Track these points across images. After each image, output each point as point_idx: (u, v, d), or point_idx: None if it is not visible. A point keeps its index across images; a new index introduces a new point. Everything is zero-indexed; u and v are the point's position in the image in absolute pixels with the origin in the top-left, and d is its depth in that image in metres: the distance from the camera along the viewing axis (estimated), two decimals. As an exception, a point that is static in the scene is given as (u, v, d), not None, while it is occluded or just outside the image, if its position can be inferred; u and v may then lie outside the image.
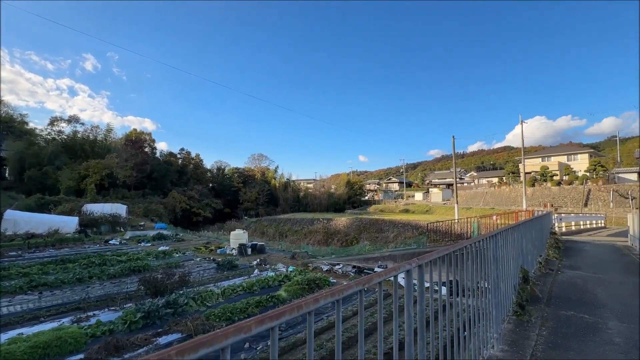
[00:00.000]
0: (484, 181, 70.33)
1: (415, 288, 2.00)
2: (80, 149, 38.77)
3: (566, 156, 52.56)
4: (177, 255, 16.12)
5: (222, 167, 65.84)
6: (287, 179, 71.31)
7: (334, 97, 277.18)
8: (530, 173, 45.33)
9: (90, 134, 41.47)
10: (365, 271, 12.68)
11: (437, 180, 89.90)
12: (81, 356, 5.66)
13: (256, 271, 12.56)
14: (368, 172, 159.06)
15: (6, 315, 7.58)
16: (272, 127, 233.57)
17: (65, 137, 39.60)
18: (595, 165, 41.99)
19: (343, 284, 1.35)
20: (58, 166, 34.68)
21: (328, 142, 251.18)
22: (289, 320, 1.05)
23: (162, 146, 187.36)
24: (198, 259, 15.26)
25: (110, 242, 19.59)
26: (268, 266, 13.72)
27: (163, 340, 6.44)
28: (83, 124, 41.57)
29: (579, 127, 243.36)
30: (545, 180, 44.97)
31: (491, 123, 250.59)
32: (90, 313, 7.81)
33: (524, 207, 26.44)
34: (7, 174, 37.07)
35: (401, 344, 1.90)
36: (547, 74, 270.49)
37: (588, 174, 41.39)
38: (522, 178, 33.14)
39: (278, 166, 74.54)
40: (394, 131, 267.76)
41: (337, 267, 13.22)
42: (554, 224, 16.35)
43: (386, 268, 2.05)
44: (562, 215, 21.50)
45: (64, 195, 31.35)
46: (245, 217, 53.21)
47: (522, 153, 33.37)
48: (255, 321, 0.89)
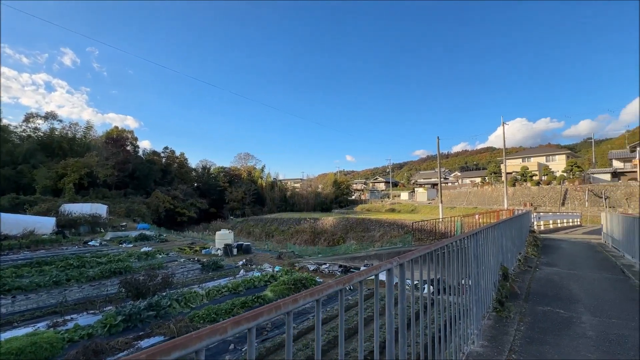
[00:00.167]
0: (468, 181, 72.00)
1: (397, 287, 2.03)
2: (57, 147, 37.35)
3: (545, 157, 54.54)
4: (161, 256, 15.78)
5: (208, 167, 64.87)
6: (274, 179, 70.99)
7: (320, 97, 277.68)
8: (511, 173, 46.73)
9: (68, 132, 40.00)
10: (351, 270, 12.77)
11: (423, 180, 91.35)
12: (58, 362, 5.48)
13: (242, 271, 12.45)
14: (355, 172, 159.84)
15: (-24, 321, 7.23)
16: (258, 127, 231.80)
17: (41, 135, 38.05)
18: (572, 166, 43.70)
19: (323, 284, 1.36)
20: (34, 165, 33.32)
21: (315, 142, 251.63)
22: (275, 320, 1.04)
23: (145, 145, 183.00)
24: (182, 260, 14.99)
25: (89, 244, 18.95)
26: (254, 266, 13.62)
27: (145, 343, 6.30)
28: (61, 121, 40.20)
29: (557, 129, 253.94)
30: (525, 180, 46.49)
31: (475, 124, 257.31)
32: (67, 317, 7.55)
33: (505, 207, 27.24)
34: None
35: (383, 344, 1.92)
36: (525, 76, 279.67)
37: (565, 175, 43.04)
38: (504, 178, 34.13)
39: (265, 165, 74.17)
40: (382, 130, 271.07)
41: (324, 267, 13.27)
42: (533, 223, 16.90)
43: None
44: (541, 214, 22.23)
45: (40, 195, 30.18)
46: (231, 217, 52.60)
47: (504, 154, 34.38)
48: (231, 322, 0.88)
